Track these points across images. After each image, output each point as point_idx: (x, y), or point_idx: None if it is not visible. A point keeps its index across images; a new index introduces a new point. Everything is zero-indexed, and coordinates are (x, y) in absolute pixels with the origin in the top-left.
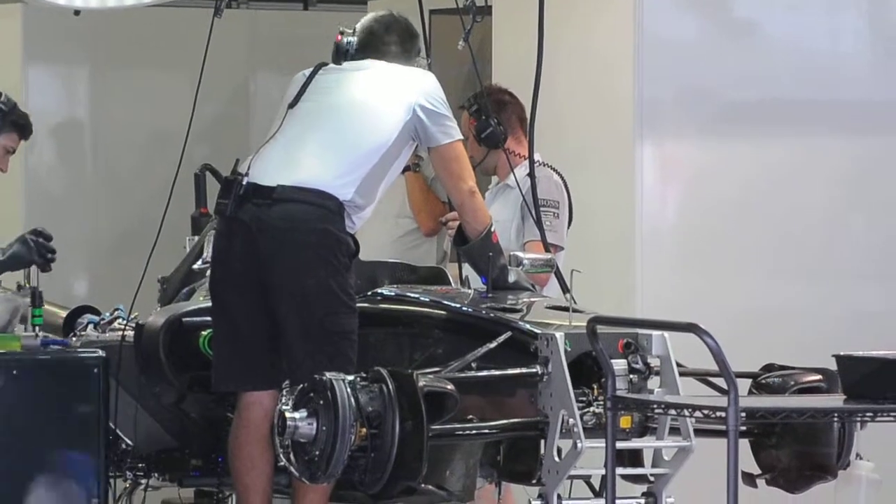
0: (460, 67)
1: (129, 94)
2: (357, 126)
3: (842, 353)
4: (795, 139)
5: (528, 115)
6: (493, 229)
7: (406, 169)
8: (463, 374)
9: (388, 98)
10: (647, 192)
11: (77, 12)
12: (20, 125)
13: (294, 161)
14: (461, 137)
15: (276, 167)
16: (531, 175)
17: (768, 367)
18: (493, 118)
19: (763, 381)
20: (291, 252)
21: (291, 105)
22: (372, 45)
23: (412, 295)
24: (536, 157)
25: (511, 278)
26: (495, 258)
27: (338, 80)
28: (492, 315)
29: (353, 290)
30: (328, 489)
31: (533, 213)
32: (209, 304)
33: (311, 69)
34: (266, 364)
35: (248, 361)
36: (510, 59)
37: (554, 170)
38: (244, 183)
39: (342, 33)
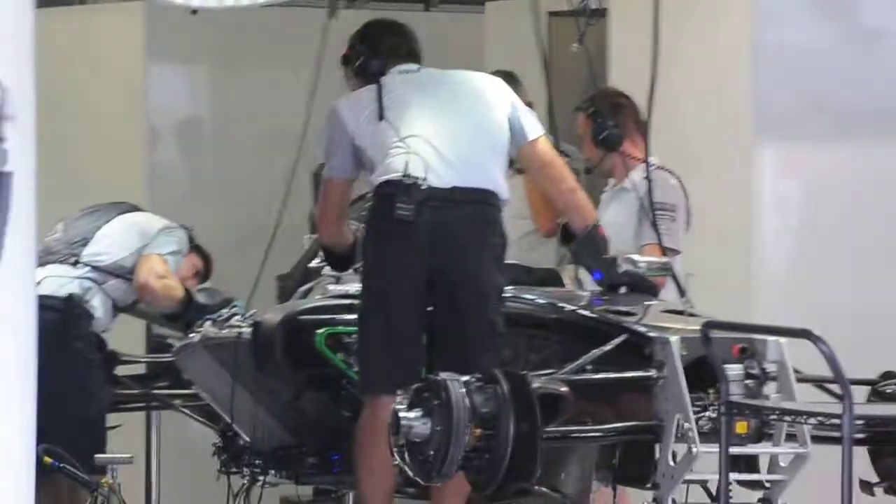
0: (577, 70)
1: (248, 92)
2: (493, 125)
3: None
4: None
5: (644, 119)
6: (599, 223)
7: (523, 170)
8: (577, 377)
9: (493, 98)
10: (765, 196)
11: (194, 11)
12: (205, 255)
13: (461, 161)
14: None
15: (446, 168)
16: (648, 178)
17: (887, 375)
18: (610, 121)
19: (881, 389)
20: (475, 253)
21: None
22: (411, 52)
23: (528, 296)
24: (653, 160)
25: (621, 269)
26: (604, 250)
27: (426, 81)
28: (607, 318)
29: None
30: (465, 488)
31: (649, 216)
32: (326, 302)
33: (364, 91)
34: (417, 367)
35: (404, 365)
36: (626, 62)
37: (671, 173)
38: (423, 188)
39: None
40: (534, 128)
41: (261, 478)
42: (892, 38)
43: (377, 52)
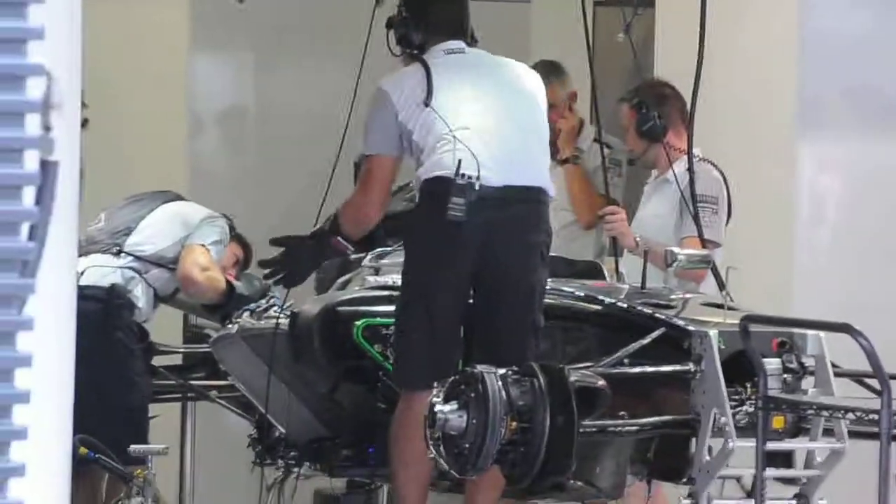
0: (623, 60)
1: (292, 82)
2: (540, 119)
3: None
4: None
5: (689, 110)
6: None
7: (565, 161)
8: (615, 370)
9: (535, 89)
10: (807, 190)
11: (241, 0)
12: (244, 243)
13: (511, 159)
14: None
15: (497, 166)
16: (690, 170)
17: None
18: (654, 111)
19: None
20: (524, 252)
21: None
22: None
23: (567, 289)
24: (696, 151)
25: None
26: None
27: (489, 65)
28: (646, 311)
29: None
30: (500, 482)
31: (691, 208)
32: (364, 293)
33: (412, 69)
34: (455, 362)
35: (442, 360)
36: (673, 53)
37: (714, 165)
38: (477, 188)
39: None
40: None
41: (295, 470)
42: None
43: (424, 22)
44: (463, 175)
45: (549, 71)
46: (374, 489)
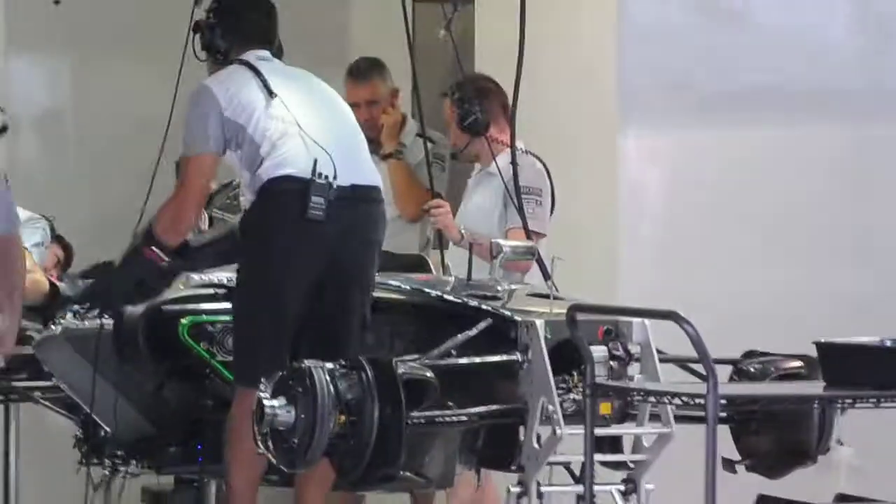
0: (443, 56)
1: (111, 83)
2: (356, 123)
3: (822, 341)
4: (779, 128)
5: (510, 103)
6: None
7: (388, 156)
8: (442, 362)
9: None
10: (630, 180)
11: (56, 1)
12: (65, 245)
13: (355, 160)
14: None
15: (345, 166)
16: (513, 162)
17: (749, 354)
18: (476, 106)
19: (744, 368)
20: (370, 251)
21: (272, 95)
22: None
23: (393, 283)
24: (519, 144)
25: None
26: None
27: (299, 73)
28: (472, 302)
29: None
30: (330, 475)
31: (515, 200)
32: (189, 292)
33: (234, 69)
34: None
35: (282, 359)
36: (492, 48)
37: (536, 157)
38: (335, 186)
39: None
40: None
41: (122, 468)
42: (753, 18)
43: (234, 29)
44: (320, 175)
45: (372, 67)
46: (203, 485)
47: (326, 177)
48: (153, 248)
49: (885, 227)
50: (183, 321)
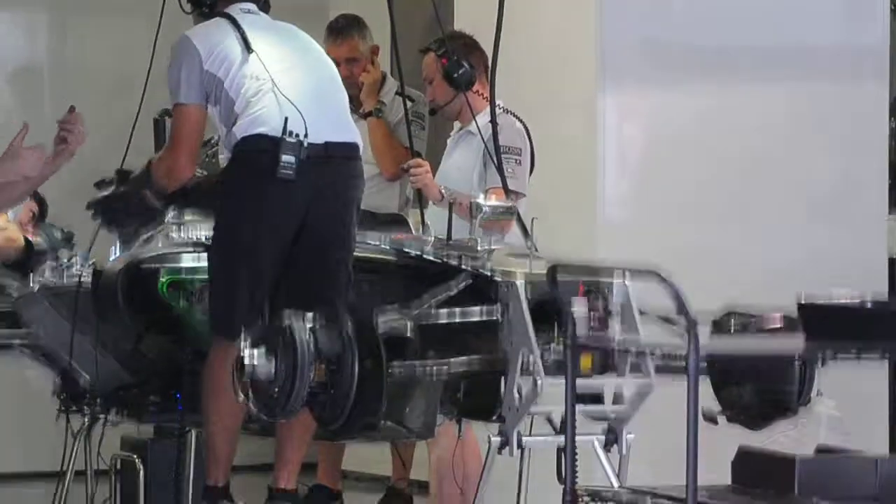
0: (422, 13)
1: (88, 40)
2: (339, 79)
3: (805, 301)
4: (758, 83)
5: (489, 63)
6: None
7: (367, 115)
8: (423, 314)
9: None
10: (609, 140)
11: None
12: (39, 199)
13: (331, 117)
14: None
15: (318, 124)
16: (493, 121)
17: (730, 313)
18: (464, 59)
19: (724, 325)
20: (347, 209)
21: (249, 48)
22: None
23: (372, 242)
24: (498, 103)
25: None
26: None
27: (285, 27)
28: (452, 262)
29: None
30: (311, 424)
31: (494, 159)
32: (169, 249)
33: (216, 21)
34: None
35: (261, 309)
36: (472, 5)
37: (516, 117)
38: (305, 145)
39: None
40: None
41: (101, 417)
42: None
43: None
44: (291, 133)
45: (351, 25)
46: (183, 434)
47: (297, 135)
48: (148, 192)
49: (862, 182)
50: (162, 278)
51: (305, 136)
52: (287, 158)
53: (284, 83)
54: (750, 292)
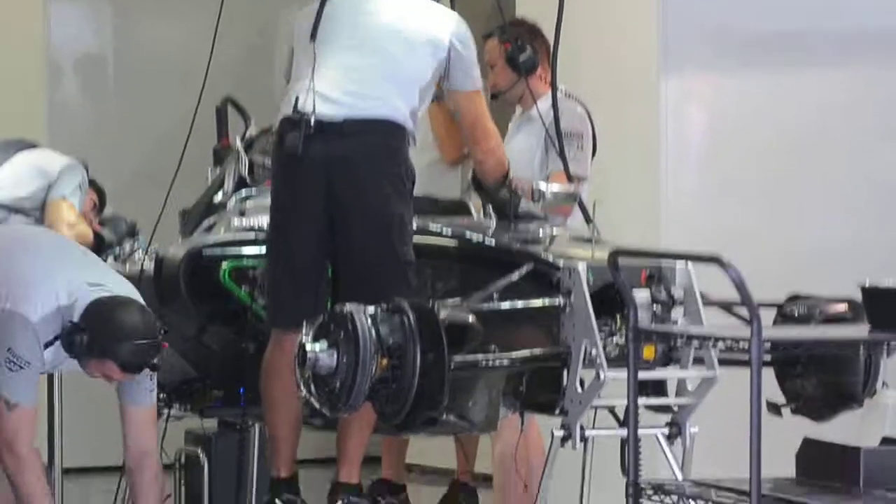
0: (483, 1)
1: (151, 27)
2: (404, 56)
3: (868, 285)
4: (818, 70)
5: (552, 47)
6: (510, 177)
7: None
8: (485, 306)
9: (424, 32)
10: (671, 125)
11: None
12: (98, 189)
13: (355, 93)
14: (481, 88)
15: (339, 101)
16: (554, 106)
17: (793, 298)
18: (528, 44)
19: (788, 311)
20: (373, 184)
21: (313, 35)
22: None
23: (434, 227)
24: (560, 87)
25: (522, 209)
26: (515, 199)
27: (365, 2)
28: (514, 247)
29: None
30: (372, 418)
31: (556, 144)
32: (230, 236)
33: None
34: (322, 301)
35: (308, 298)
36: None
37: (578, 101)
38: (312, 122)
39: None
40: (464, 79)
41: (165, 411)
42: None
43: None
44: (297, 111)
45: None
46: (246, 428)
47: (303, 113)
48: None
49: None
50: (224, 265)
51: (313, 112)
52: (291, 134)
53: (324, 65)
54: (812, 276)
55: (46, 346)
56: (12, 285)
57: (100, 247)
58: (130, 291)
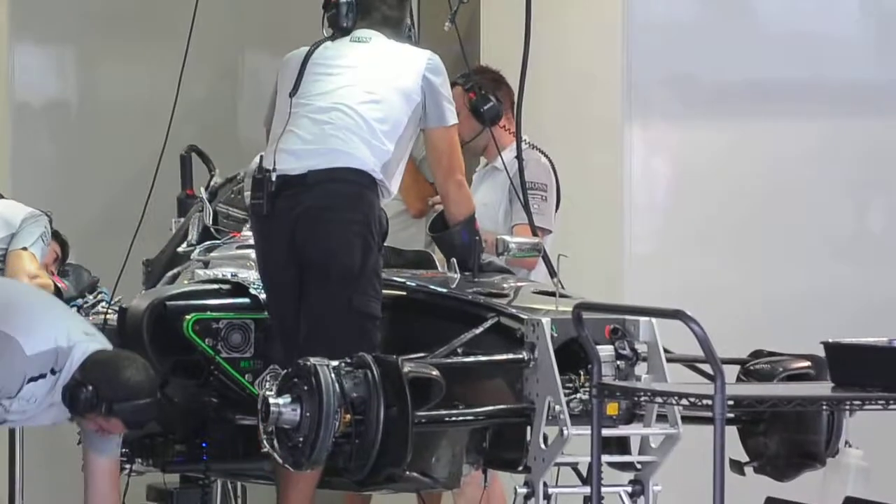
0: (448, 48)
1: (116, 73)
2: (376, 107)
3: (831, 341)
4: (783, 121)
5: (515, 98)
6: (473, 218)
7: None
8: (449, 360)
9: (400, 77)
10: (635, 176)
11: None
12: (61, 241)
13: (321, 146)
14: (457, 122)
15: (303, 155)
16: (518, 157)
17: (757, 354)
18: (492, 94)
19: (751, 368)
20: (330, 231)
21: (293, 92)
22: (368, 12)
23: (398, 279)
24: (524, 138)
25: (485, 260)
26: (478, 246)
27: (343, 55)
28: (478, 300)
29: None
30: (315, 475)
31: (520, 195)
32: (195, 287)
33: (304, 50)
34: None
35: (291, 353)
36: (498, 40)
37: (542, 152)
38: (273, 178)
39: None
40: (439, 116)
41: (127, 466)
42: (758, 11)
43: (357, 3)
44: (260, 169)
45: None
46: (208, 484)
47: (266, 171)
48: None
49: (883, 220)
50: (187, 317)
51: (273, 169)
52: (256, 195)
53: (294, 119)
54: (775, 329)
55: (31, 380)
56: (12, 314)
57: (59, 296)
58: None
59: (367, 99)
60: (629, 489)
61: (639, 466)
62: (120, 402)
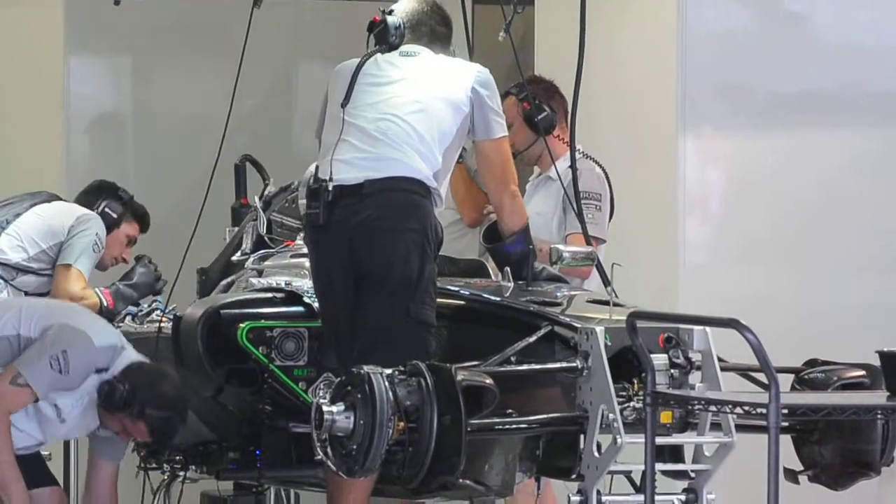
0: (503, 58)
1: (170, 84)
2: (425, 117)
3: (886, 350)
4: (837, 131)
5: (569, 107)
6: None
7: None
8: (502, 368)
9: (449, 89)
10: (690, 186)
11: (117, 1)
12: (140, 215)
13: (376, 156)
14: (507, 135)
15: (359, 165)
16: (572, 167)
17: (811, 363)
18: (546, 103)
19: (806, 377)
20: (388, 240)
21: (345, 102)
22: (416, 28)
23: (452, 288)
24: (578, 148)
25: (539, 269)
26: (532, 255)
27: (393, 67)
28: (532, 308)
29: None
30: (369, 483)
31: (574, 205)
32: (248, 295)
33: (355, 62)
34: None
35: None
36: (552, 51)
37: (596, 162)
38: (330, 188)
39: (384, 13)
40: (487, 128)
41: (181, 474)
42: (813, 21)
43: (402, 24)
44: (317, 179)
45: None
46: (262, 491)
47: (322, 181)
48: None
49: None
50: (242, 325)
51: (330, 179)
52: (313, 204)
53: (348, 130)
54: (831, 339)
55: (98, 371)
56: (76, 316)
57: (100, 311)
58: None
59: (415, 109)
60: (683, 498)
61: (692, 475)
62: (152, 409)
